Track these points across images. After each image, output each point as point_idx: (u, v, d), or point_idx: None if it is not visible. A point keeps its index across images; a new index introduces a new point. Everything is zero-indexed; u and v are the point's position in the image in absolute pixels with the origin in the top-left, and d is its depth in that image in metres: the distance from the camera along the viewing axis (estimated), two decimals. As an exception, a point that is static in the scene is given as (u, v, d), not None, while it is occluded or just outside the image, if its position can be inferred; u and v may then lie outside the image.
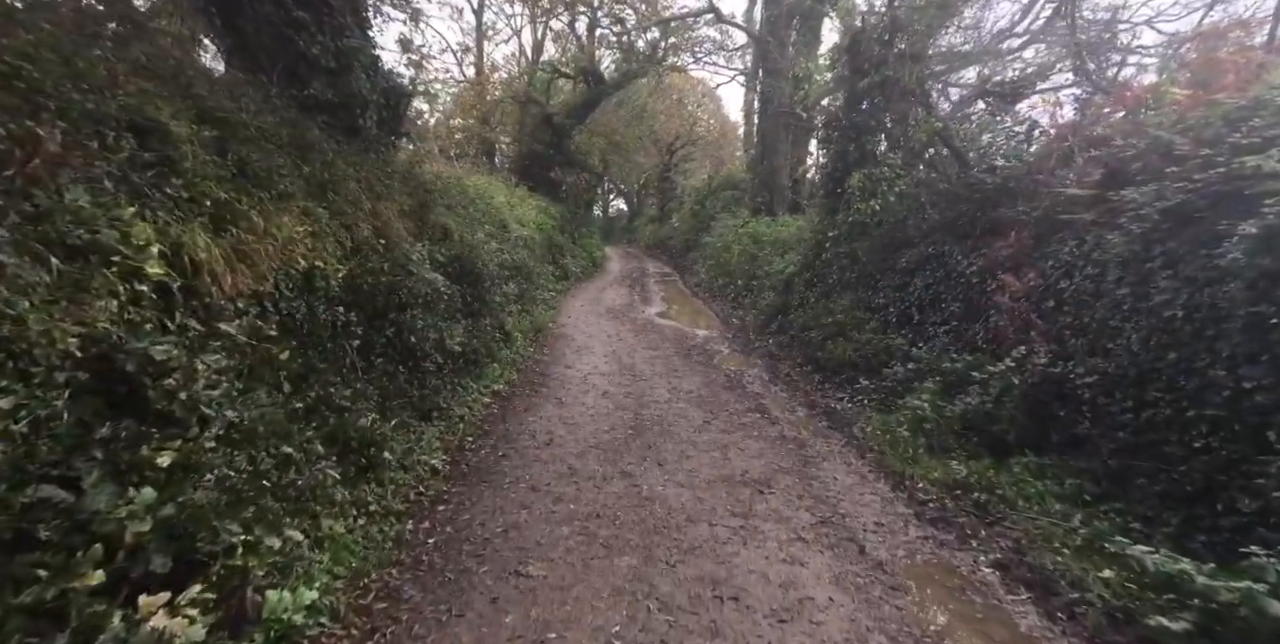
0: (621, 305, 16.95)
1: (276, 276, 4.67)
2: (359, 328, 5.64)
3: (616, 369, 9.88)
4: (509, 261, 13.08)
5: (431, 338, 6.90)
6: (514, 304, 12.09)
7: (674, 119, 31.17)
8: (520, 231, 16.37)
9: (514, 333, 10.43)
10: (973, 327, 7.00)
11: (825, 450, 6.48)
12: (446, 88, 23.52)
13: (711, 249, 21.06)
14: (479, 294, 9.33)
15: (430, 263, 7.99)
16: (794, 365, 9.97)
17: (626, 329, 13.54)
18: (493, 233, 12.90)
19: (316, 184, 5.71)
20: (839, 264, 10.55)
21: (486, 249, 10.47)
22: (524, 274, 14.03)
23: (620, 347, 11.59)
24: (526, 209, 18.95)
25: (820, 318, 10.00)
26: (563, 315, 14.85)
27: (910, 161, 10.65)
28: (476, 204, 12.94)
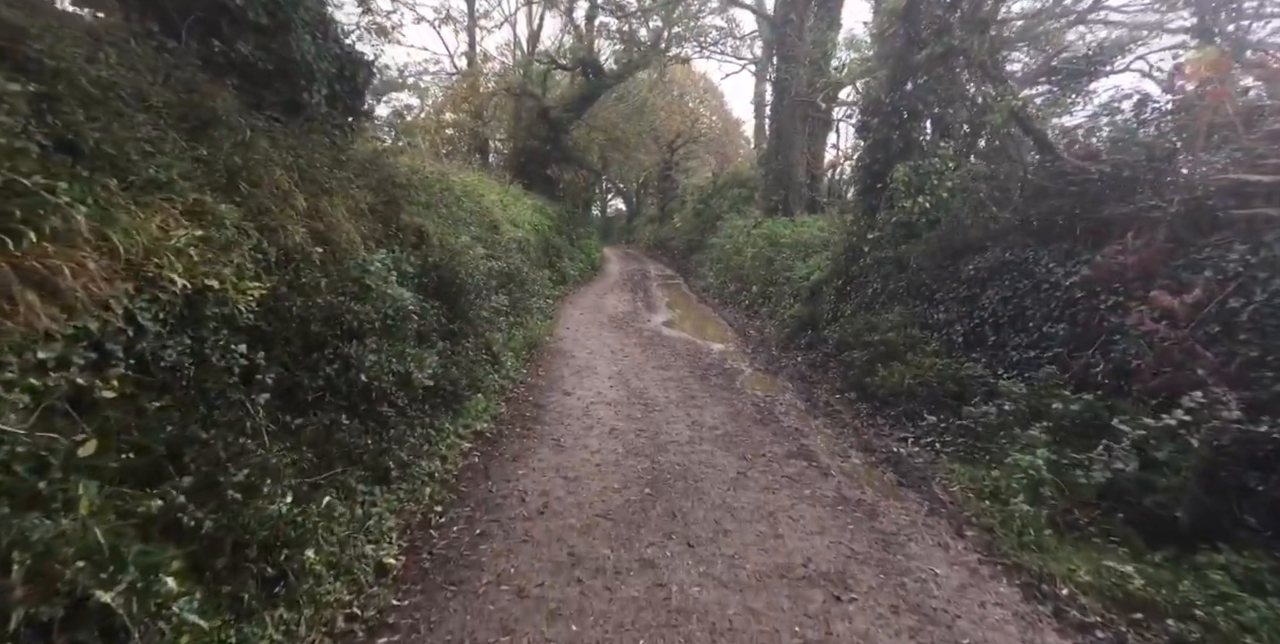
0: (624, 313, 15.35)
1: (131, 304, 3.07)
2: (277, 369, 4.03)
3: (624, 396, 8.28)
4: (500, 268, 11.48)
5: (393, 372, 5.29)
6: (505, 317, 10.50)
7: (675, 115, 29.56)
8: (514, 233, 14.78)
9: (503, 353, 8.82)
10: (1084, 355, 5.41)
11: (906, 522, 4.88)
12: (437, 80, 21.92)
13: (719, 251, 19.48)
14: (461, 310, 7.72)
15: (398, 274, 6.39)
16: (832, 390, 8.39)
17: (632, 342, 11.95)
18: (481, 236, 11.30)
19: (222, 171, 4.10)
20: (881, 271, 8.97)
21: (471, 255, 8.86)
22: (517, 281, 12.43)
23: (626, 365, 9.99)
24: (521, 208, 17.35)
25: (862, 334, 8.41)
26: (560, 326, 13.24)
27: (963, 151, 9.08)
28: (462, 203, 11.33)
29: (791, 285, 12.42)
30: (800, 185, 15.96)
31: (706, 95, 32.43)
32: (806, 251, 13.20)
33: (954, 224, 8.04)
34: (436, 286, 7.52)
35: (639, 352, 11.17)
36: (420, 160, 12.20)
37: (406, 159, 9.87)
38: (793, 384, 9.04)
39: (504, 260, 11.83)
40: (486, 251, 10.94)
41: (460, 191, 11.83)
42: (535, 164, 22.19)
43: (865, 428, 7.05)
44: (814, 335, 10.20)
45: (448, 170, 12.97)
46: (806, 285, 11.65)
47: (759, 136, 18.39)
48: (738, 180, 22.60)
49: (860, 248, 9.78)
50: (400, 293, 5.80)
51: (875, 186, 9.53)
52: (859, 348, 8.26)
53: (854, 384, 8.01)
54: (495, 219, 13.14)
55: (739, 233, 18.33)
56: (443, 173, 12.05)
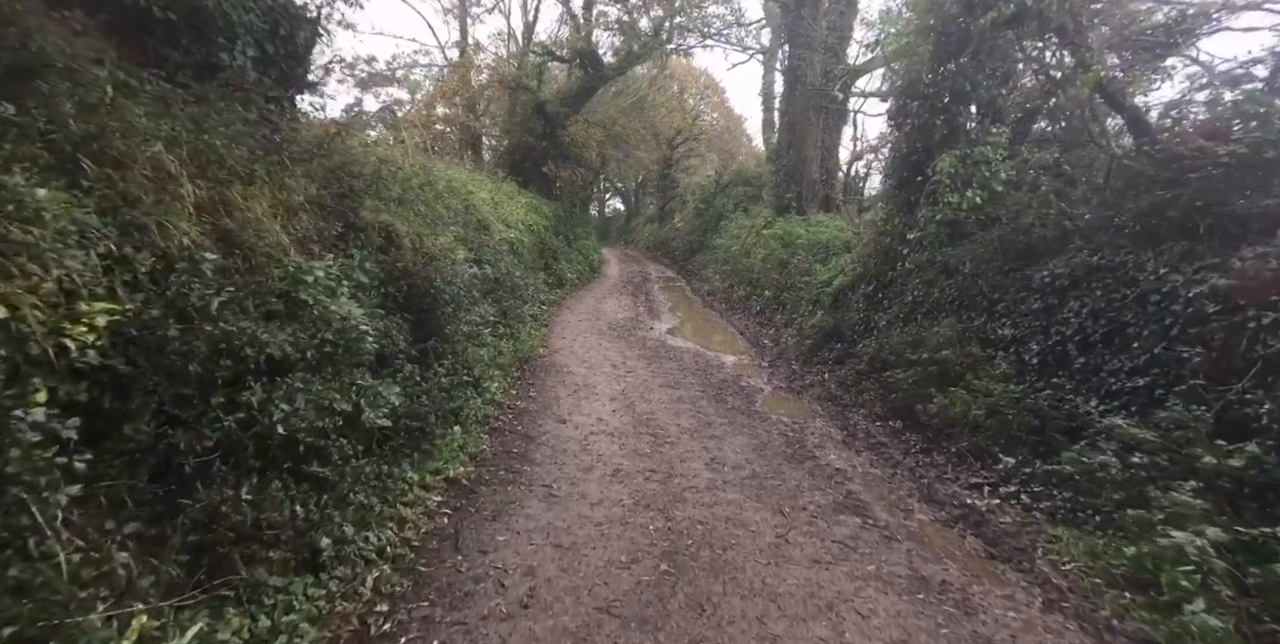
0: (625, 320, 14.06)
1: None
2: (134, 427, 2.74)
3: (629, 423, 6.99)
4: (488, 273, 10.18)
5: (333, 413, 3.99)
6: (493, 329, 9.20)
7: (675, 112, 28.26)
8: (505, 234, 13.47)
9: (489, 373, 7.52)
10: (1232, 389, 4.13)
11: (1017, 625, 3.58)
12: (427, 73, 20.56)
13: (724, 252, 18.21)
14: (436, 326, 6.42)
15: (352, 286, 5.09)
16: (872, 416, 7.10)
17: (635, 354, 10.65)
18: (468, 237, 10.00)
19: (54, 141, 2.80)
20: (923, 276, 7.68)
21: (452, 259, 7.55)
22: (508, 287, 11.13)
23: (630, 383, 8.69)
24: (514, 207, 16.05)
25: (905, 350, 7.13)
26: (556, 335, 11.94)
27: (1018, 138, 7.82)
28: (445, 200, 10.02)
29: (811, 291, 11.13)
30: (814, 182, 14.67)
31: (708, 91, 31.12)
32: (825, 253, 11.92)
33: (1016, 222, 6.76)
34: (406, 299, 6.23)
35: (643, 365, 9.87)
36: (397, 150, 10.92)
37: (376, 147, 8.55)
38: (823, 407, 7.74)
39: (493, 264, 10.53)
40: (472, 255, 9.64)
41: (444, 187, 10.52)
42: (530, 161, 20.86)
43: (922, 468, 5.76)
44: (842, 349, 8.91)
45: (431, 163, 11.65)
46: (829, 291, 10.36)
47: (767, 130, 17.12)
48: (743, 178, 21.32)
49: (895, 249, 8.49)
50: (349, 309, 4.49)
51: (914, 179, 8.24)
52: (902, 366, 6.98)
53: (899, 410, 6.73)
54: (484, 218, 11.84)
55: (746, 233, 17.04)
56: (424, 166, 10.74)
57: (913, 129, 8.23)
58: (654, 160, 29.61)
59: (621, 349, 11.03)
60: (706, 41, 19.57)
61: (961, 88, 7.71)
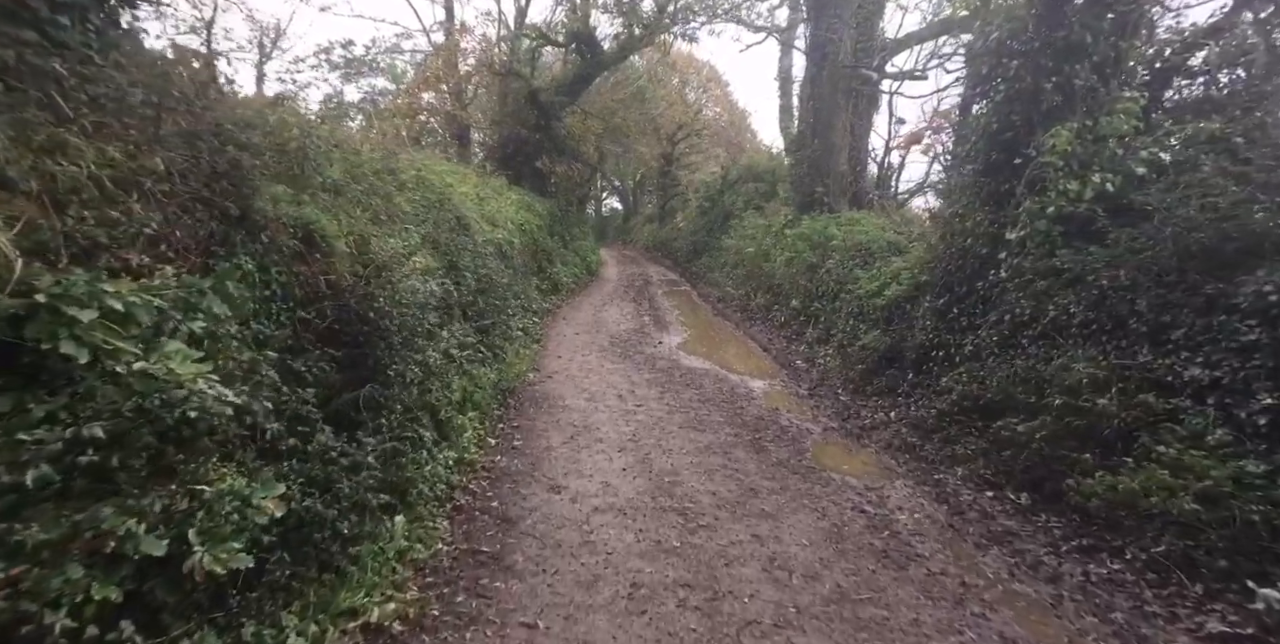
0: (629, 332, 12.07)
1: None
2: None
3: (646, 489, 5.02)
4: (468, 284, 8.18)
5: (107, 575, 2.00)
6: (471, 352, 7.21)
7: (676, 105, 26.26)
8: (492, 234, 11.47)
9: (457, 420, 5.51)
10: None
11: None
12: (411, 60, 18.51)
13: (736, 254, 16.23)
14: (377, 365, 4.42)
15: (209, 319, 3.07)
16: (977, 481, 5.13)
17: (643, 378, 8.68)
18: (442, 238, 8.00)
19: None
20: (1030, 289, 5.71)
21: (408, 270, 5.55)
22: (493, 298, 9.14)
23: (642, 423, 6.72)
24: (503, 204, 14.03)
25: (1017, 390, 5.18)
26: (550, 354, 9.94)
27: (1154, 106, 5.88)
28: (413, 192, 8.01)
29: (853, 302, 9.16)
30: (843, 175, 12.70)
31: (710, 84, 29.10)
32: (866, 257, 9.95)
33: (1173, 215, 4.80)
34: (333, 328, 4.24)
35: (655, 394, 7.89)
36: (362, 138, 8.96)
37: (320, 126, 6.56)
38: (899, 462, 5.77)
39: (473, 272, 8.53)
40: (444, 262, 7.63)
41: (413, 177, 8.51)
42: (523, 155, 18.82)
43: (1099, 588, 3.78)
44: (911, 379, 6.95)
45: (399, 149, 9.64)
46: (879, 303, 8.40)
47: (785, 118, 15.21)
48: (753, 173, 19.35)
49: (979, 252, 6.53)
50: (177, 366, 2.50)
51: (1008, 163, 6.28)
52: (1020, 413, 5.02)
53: (1024, 477, 4.76)
54: (464, 217, 9.82)
55: (762, 233, 15.07)
56: (391, 151, 8.72)
57: (1007, 98, 6.26)
58: (654, 156, 27.58)
59: (627, 371, 9.05)
60: (715, 23, 17.54)
61: (1080, 40, 5.75)
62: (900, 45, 11.99)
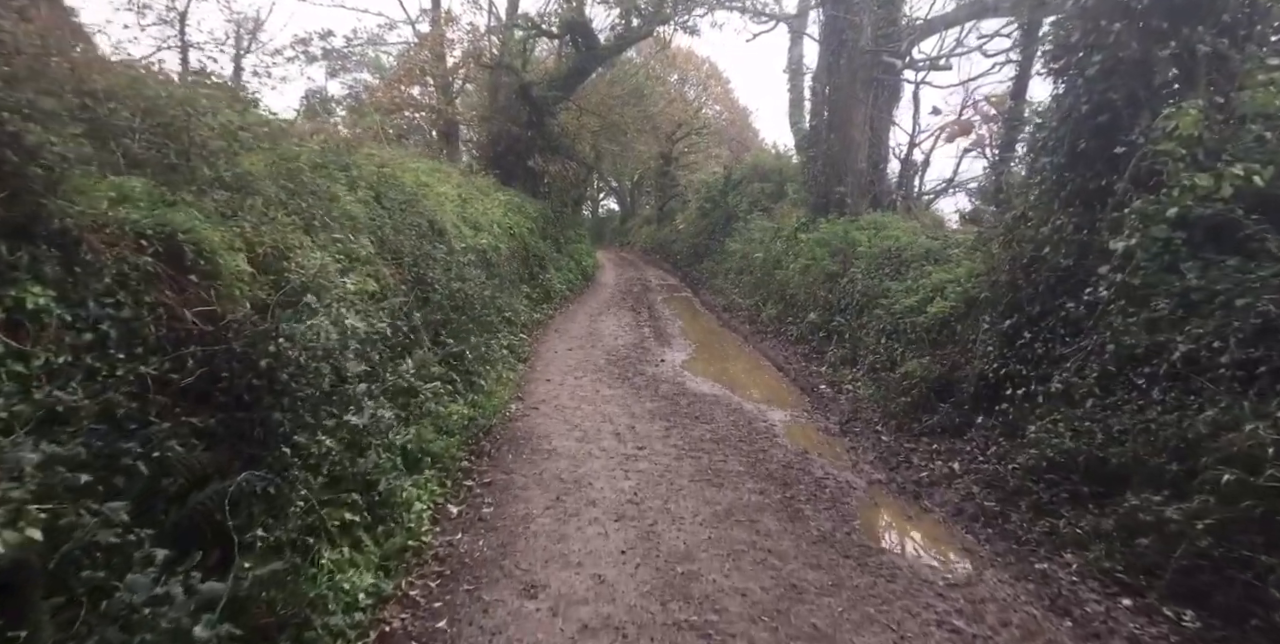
0: (628, 347, 10.72)
1: None
2: None
3: (653, 590, 3.66)
4: (438, 300, 6.83)
5: None
6: (435, 388, 5.85)
7: (675, 102, 24.90)
8: (474, 240, 10.11)
9: (403, 491, 4.12)
10: None
11: None
12: (392, 51, 17.12)
13: (743, 260, 14.90)
14: (271, 441, 3.05)
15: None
16: (1109, 583, 3.75)
17: (645, 408, 7.33)
18: (407, 247, 6.65)
19: None
20: (1145, 313, 4.36)
21: (337, 294, 4.17)
22: (471, 315, 7.77)
23: (645, 475, 5.36)
24: (490, 206, 12.67)
25: (1143, 449, 3.83)
26: (537, 376, 8.58)
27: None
28: (365, 191, 6.65)
29: (888, 318, 7.81)
30: (863, 173, 11.36)
31: (710, 81, 27.74)
32: (898, 266, 8.61)
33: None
34: (202, 389, 2.89)
35: (660, 431, 6.54)
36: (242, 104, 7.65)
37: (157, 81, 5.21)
38: (980, 539, 4.40)
39: (442, 289, 7.16)
40: (405, 275, 6.28)
41: (373, 174, 7.13)
42: (514, 153, 17.45)
43: None
44: (977, 420, 5.60)
45: (358, 143, 8.27)
46: (921, 321, 7.06)
47: (795, 113, 13.86)
48: (759, 173, 18.01)
49: (1057, 263, 5.18)
50: None
51: (1103, 154, 4.93)
52: (1166, 488, 3.67)
53: (1189, 588, 3.40)
54: (439, 221, 8.45)
55: (771, 236, 13.74)
56: (347, 142, 7.35)
57: (1104, 71, 4.91)
58: (652, 155, 26.21)
59: (626, 399, 7.70)
60: (718, 12, 16.15)
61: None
62: (927, 29, 10.66)
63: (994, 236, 6.67)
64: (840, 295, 9.45)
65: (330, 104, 19.20)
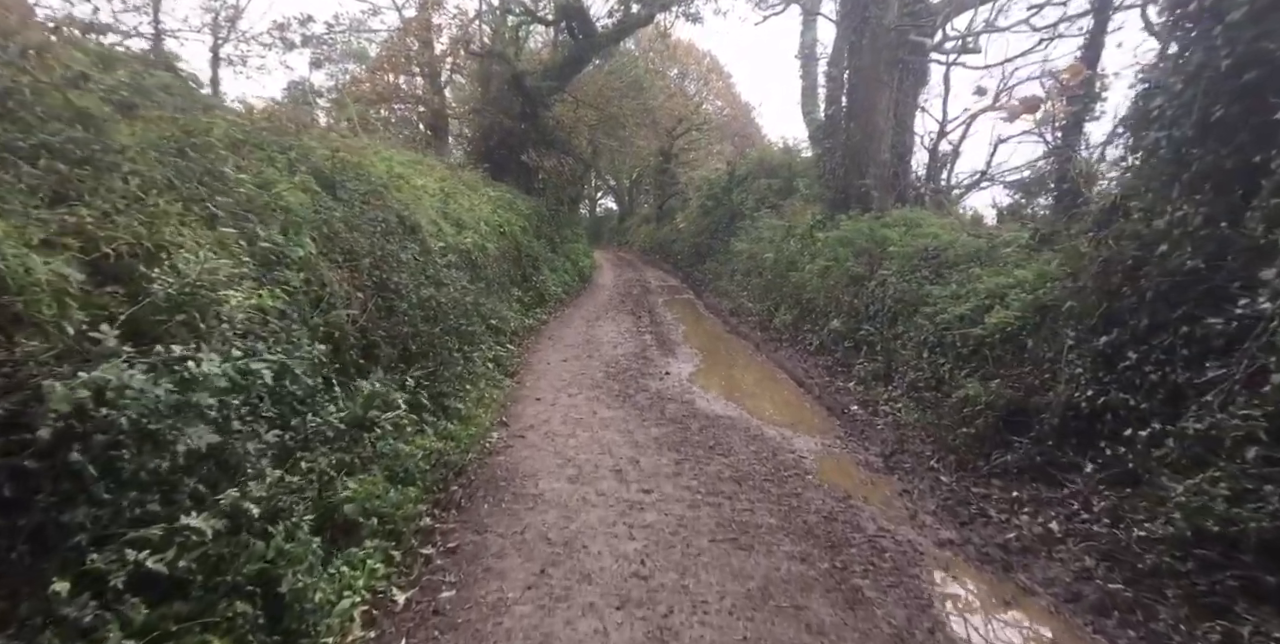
0: (628, 357, 9.53)
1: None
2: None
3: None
4: (415, 313, 5.63)
5: None
6: (395, 418, 4.65)
7: (676, 97, 23.68)
8: (457, 239, 8.91)
9: (308, 596, 2.90)
10: None
11: None
12: (374, 38, 15.86)
13: (751, 260, 13.69)
14: (62, 558, 1.82)
15: None
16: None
17: (651, 436, 6.13)
18: (361, 248, 5.45)
19: None
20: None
21: (225, 313, 2.95)
22: (448, 326, 6.55)
23: (655, 533, 4.16)
24: (477, 202, 11.46)
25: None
26: (525, 395, 7.37)
27: None
28: (304, 173, 5.43)
29: (931, 329, 6.62)
30: (886, 165, 10.17)
31: (711, 75, 26.51)
32: (937, 268, 7.42)
33: None
34: None
35: (669, 466, 5.35)
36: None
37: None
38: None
39: (412, 296, 5.94)
40: (361, 280, 5.08)
41: (326, 160, 5.92)
42: (506, 148, 16.26)
43: None
44: (1042, 450, 4.43)
45: (308, 122, 7.07)
46: (977, 334, 5.86)
47: (808, 102, 12.66)
48: (765, 168, 16.80)
49: (1180, 266, 3.99)
50: None
51: (1253, 122, 3.73)
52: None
53: None
54: (412, 216, 7.25)
55: (782, 235, 12.55)
56: (297, 122, 6.14)
57: (1250, 16, 3.71)
58: (651, 151, 24.97)
59: (628, 423, 6.50)
60: None
61: None
62: (960, 4, 9.47)
63: (1068, 232, 5.48)
64: (868, 300, 8.25)
65: (312, 96, 17.96)
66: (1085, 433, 4.45)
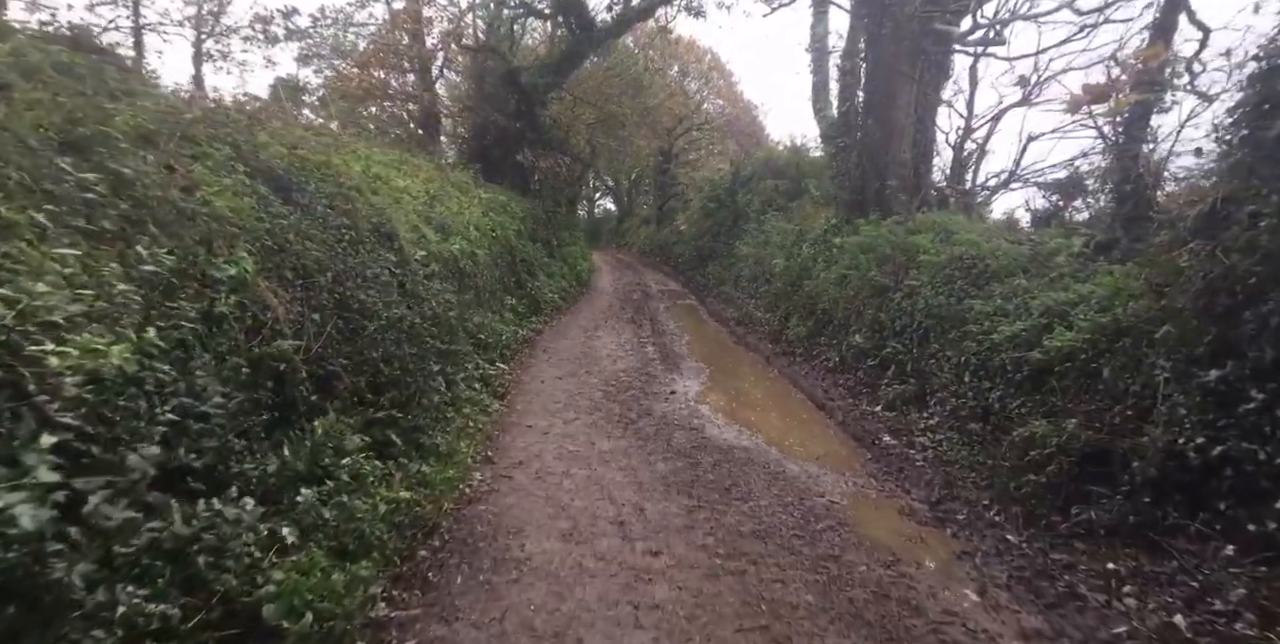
0: (629, 373, 8.66)
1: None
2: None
3: None
4: (385, 338, 4.76)
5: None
6: (351, 467, 3.77)
7: (676, 95, 22.78)
8: (441, 246, 8.03)
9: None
10: None
11: None
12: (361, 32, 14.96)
13: (758, 265, 12.81)
14: None
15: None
16: None
17: (657, 474, 5.27)
18: (311, 263, 4.58)
19: None
20: None
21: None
22: (422, 348, 5.66)
23: (668, 621, 3.27)
24: (468, 204, 10.57)
25: None
26: (515, 421, 6.49)
27: None
28: (243, 173, 4.56)
29: (977, 349, 5.74)
30: (907, 166, 9.30)
31: (712, 74, 25.62)
32: (975, 279, 6.55)
33: None
34: None
35: (680, 516, 4.50)
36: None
37: None
38: None
39: (384, 313, 5.05)
40: (314, 301, 4.21)
41: (281, 155, 5.02)
42: (501, 147, 15.37)
43: None
44: (1138, 508, 3.56)
45: (264, 114, 6.18)
46: (1036, 358, 4.98)
47: (820, 98, 11.81)
48: (771, 168, 15.94)
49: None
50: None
51: None
52: None
53: None
54: (388, 223, 6.36)
55: (792, 239, 11.68)
56: (249, 115, 5.24)
57: None
58: (651, 152, 24.06)
59: (630, 456, 5.63)
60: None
61: None
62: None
63: (1129, 239, 4.62)
64: (894, 314, 7.38)
65: (291, 92, 17.02)
66: (1195, 489, 3.59)
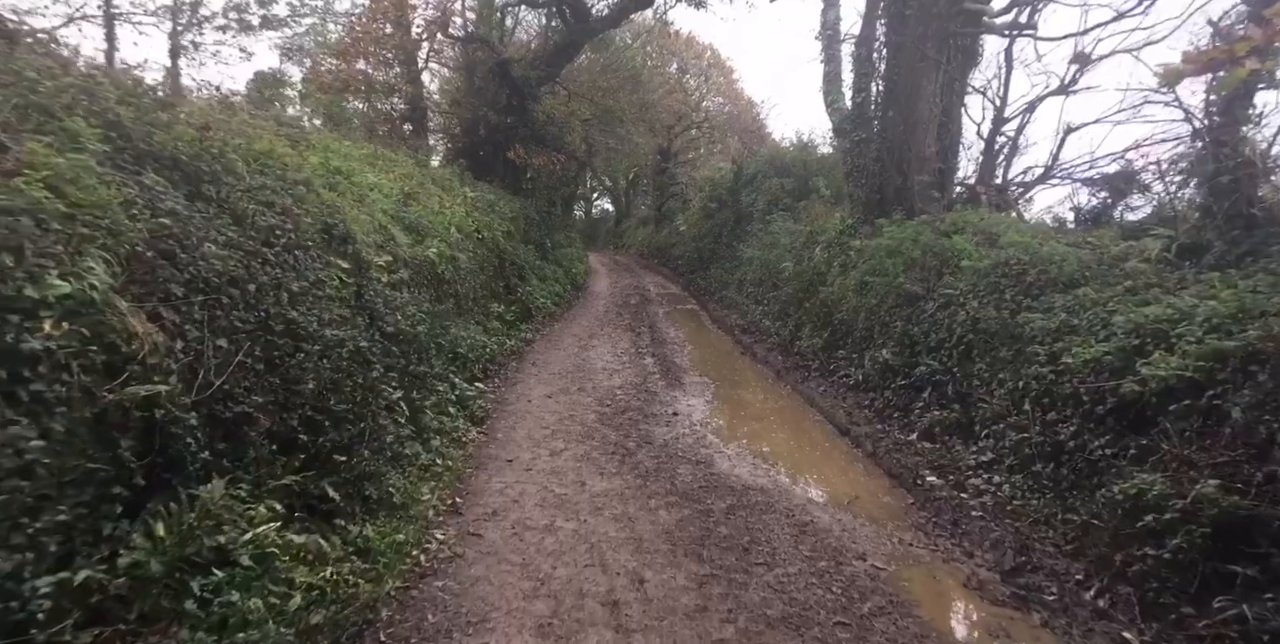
0: (626, 390, 7.64)
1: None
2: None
3: None
4: (321, 371, 3.69)
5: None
6: (269, 545, 2.72)
7: (675, 92, 21.74)
8: (413, 251, 7.00)
9: None
10: None
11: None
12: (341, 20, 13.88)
13: (766, 270, 11.77)
14: None
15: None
16: None
17: (659, 527, 4.24)
18: (218, 272, 3.52)
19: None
20: None
21: None
22: (364, 383, 4.61)
23: None
24: (451, 203, 9.50)
25: None
26: (493, 455, 5.45)
27: None
28: (79, 155, 3.49)
29: (1041, 373, 4.71)
30: (930, 162, 8.28)
31: (712, 70, 24.57)
32: (1028, 289, 5.53)
33: None
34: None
35: (690, 593, 3.48)
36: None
37: None
38: None
39: (319, 335, 4.01)
40: (149, 339, 3.14)
41: (192, 136, 3.97)
42: (491, 143, 14.33)
43: None
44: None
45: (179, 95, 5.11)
46: (1128, 392, 3.94)
47: (832, 89, 10.75)
48: (777, 166, 14.92)
49: None
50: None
51: None
52: None
53: None
54: (343, 225, 5.31)
55: (802, 242, 10.66)
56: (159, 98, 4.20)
57: None
58: (650, 150, 23.01)
59: (628, 503, 4.61)
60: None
61: None
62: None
63: (1228, 241, 3.60)
64: (928, 327, 6.36)
65: (280, 87, 15.96)
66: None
